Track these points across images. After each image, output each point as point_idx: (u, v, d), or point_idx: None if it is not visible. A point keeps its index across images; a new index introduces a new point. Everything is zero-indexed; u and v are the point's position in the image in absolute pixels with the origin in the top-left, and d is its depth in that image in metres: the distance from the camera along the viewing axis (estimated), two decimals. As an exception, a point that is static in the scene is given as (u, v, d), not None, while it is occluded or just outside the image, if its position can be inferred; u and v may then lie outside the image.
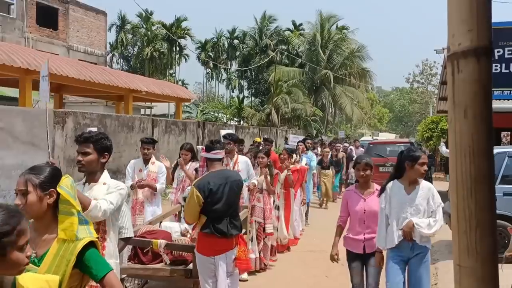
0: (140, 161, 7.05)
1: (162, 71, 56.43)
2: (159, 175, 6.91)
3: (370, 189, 4.78)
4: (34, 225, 2.27)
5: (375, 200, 4.63)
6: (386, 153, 15.85)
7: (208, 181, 4.55)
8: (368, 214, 4.66)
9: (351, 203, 4.74)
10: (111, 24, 54.45)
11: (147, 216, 6.66)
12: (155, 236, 5.26)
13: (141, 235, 5.30)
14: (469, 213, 0.96)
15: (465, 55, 0.96)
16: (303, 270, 7.38)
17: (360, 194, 4.75)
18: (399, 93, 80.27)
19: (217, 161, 4.77)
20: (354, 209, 4.70)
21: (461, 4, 0.95)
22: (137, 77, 21.30)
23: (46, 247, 2.21)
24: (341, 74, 41.70)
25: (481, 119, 0.95)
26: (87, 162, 3.46)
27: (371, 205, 4.67)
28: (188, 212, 4.64)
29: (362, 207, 4.67)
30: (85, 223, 2.26)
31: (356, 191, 4.80)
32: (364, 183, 4.77)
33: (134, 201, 6.83)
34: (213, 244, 4.55)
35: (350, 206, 4.75)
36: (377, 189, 4.70)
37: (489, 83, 0.96)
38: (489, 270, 0.98)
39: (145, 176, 6.83)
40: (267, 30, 52.98)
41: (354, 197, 4.76)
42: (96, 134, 3.51)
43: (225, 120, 37.62)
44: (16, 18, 26.97)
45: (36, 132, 11.02)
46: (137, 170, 6.94)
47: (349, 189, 5.09)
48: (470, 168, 0.96)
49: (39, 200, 2.24)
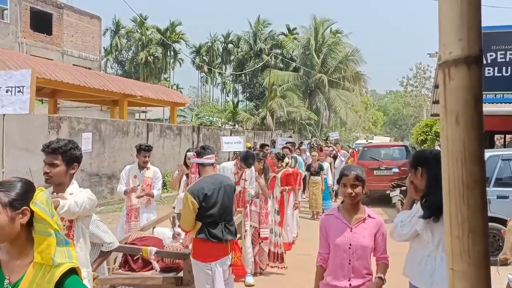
0: (135, 167, 7.02)
1: (156, 76, 56.46)
2: (155, 180, 6.88)
3: (359, 215, 3.37)
4: (7, 247, 2.01)
5: (366, 231, 3.31)
6: (380, 156, 15.89)
7: (203, 186, 4.51)
8: (355, 251, 3.27)
9: (332, 233, 3.34)
10: (106, 28, 54.54)
11: (143, 222, 6.60)
12: (145, 242, 5.16)
13: (131, 242, 5.21)
14: (461, 218, 0.98)
15: (456, 63, 0.98)
16: (298, 274, 7.38)
17: (345, 220, 3.33)
18: (393, 97, 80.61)
19: (210, 165, 4.73)
20: (336, 242, 3.30)
21: (451, 13, 0.98)
22: (131, 82, 21.30)
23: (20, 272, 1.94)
24: (335, 77, 41.89)
25: (472, 126, 0.98)
26: (55, 174, 3.29)
27: (359, 237, 3.28)
28: (184, 220, 4.57)
29: (347, 240, 3.27)
30: (64, 244, 1.98)
31: (339, 217, 3.36)
32: (352, 205, 3.35)
33: (129, 208, 6.78)
34: (209, 250, 4.50)
35: (330, 238, 3.34)
36: (369, 215, 3.37)
37: (480, 91, 0.98)
38: (482, 274, 1.00)
39: (141, 182, 6.78)
40: (262, 34, 53.21)
41: (336, 225, 3.35)
42: (65, 144, 3.30)
43: (220, 124, 37.63)
44: (10, 23, 26.91)
45: (31, 137, 11.00)
46: (132, 176, 6.89)
47: (329, 213, 3.57)
48: (462, 174, 0.98)
49: (11, 220, 1.94)
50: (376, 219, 3.39)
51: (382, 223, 3.39)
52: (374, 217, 3.39)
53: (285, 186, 8.49)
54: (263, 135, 25.98)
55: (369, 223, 3.35)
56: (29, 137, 10.99)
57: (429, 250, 3.19)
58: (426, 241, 3.18)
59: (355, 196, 3.29)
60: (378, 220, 3.39)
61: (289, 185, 8.57)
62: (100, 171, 13.01)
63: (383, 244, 3.35)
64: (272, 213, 7.46)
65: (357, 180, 3.27)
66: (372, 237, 3.31)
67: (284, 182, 8.50)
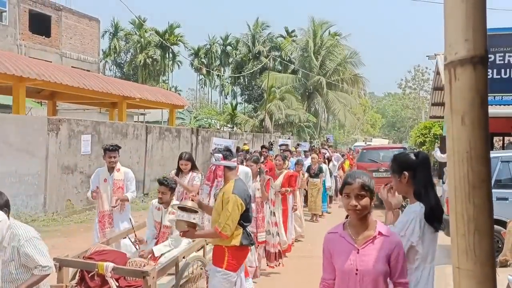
0: (105, 170, 6.57)
1: (155, 78, 56.44)
2: (127, 182, 6.52)
3: (368, 232, 2.69)
4: None
5: (377, 252, 2.63)
6: (379, 158, 15.91)
7: (244, 189, 4.48)
8: (362, 277, 2.63)
9: (336, 255, 2.73)
10: (104, 31, 54.60)
11: (116, 227, 6.32)
12: (104, 257, 4.63)
13: (89, 256, 4.71)
14: (467, 217, 0.99)
15: (462, 64, 0.99)
16: (298, 276, 7.38)
17: (350, 240, 2.70)
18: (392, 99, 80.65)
19: (235, 169, 4.62)
20: (340, 266, 2.70)
21: (457, 14, 0.99)
22: (130, 84, 21.29)
23: None
24: (333, 80, 41.91)
25: (478, 125, 0.99)
26: None
27: (367, 260, 2.62)
28: (230, 224, 4.22)
29: (353, 263, 2.64)
30: None
31: (344, 235, 2.73)
32: (359, 221, 2.69)
33: (101, 214, 6.44)
34: (243, 257, 4.40)
35: (335, 261, 2.74)
36: (380, 233, 2.66)
37: (485, 91, 0.99)
38: (487, 272, 1.01)
39: (111, 185, 6.44)
40: (260, 37, 53.26)
41: (341, 246, 2.72)
42: None
43: (218, 127, 37.62)
44: (8, 25, 26.91)
45: (30, 139, 10.99)
46: (102, 180, 6.50)
47: (333, 231, 2.83)
48: (468, 173, 0.99)
49: None
50: (390, 237, 2.66)
51: (398, 243, 2.68)
52: (388, 235, 2.66)
53: (287, 187, 8.48)
54: (261, 138, 25.97)
55: (380, 242, 2.64)
56: (28, 139, 10.97)
57: (417, 263, 2.98)
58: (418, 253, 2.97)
59: (361, 210, 2.61)
60: (392, 239, 2.66)
61: (291, 187, 8.56)
62: None
63: (400, 267, 2.65)
64: (268, 215, 7.30)
65: (363, 190, 2.63)
66: (385, 259, 2.62)
67: (287, 184, 8.50)
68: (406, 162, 3.12)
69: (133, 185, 6.59)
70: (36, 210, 10.88)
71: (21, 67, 13.21)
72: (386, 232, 2.68)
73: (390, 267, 2.64)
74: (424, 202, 2.98)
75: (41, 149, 11.13)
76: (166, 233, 5.42)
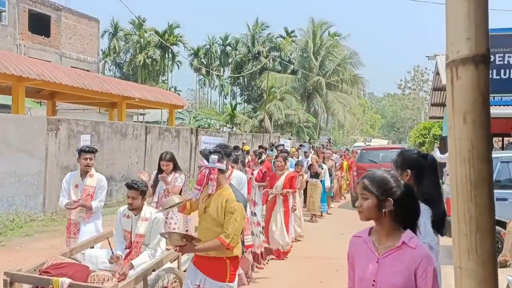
0: (77, 174, 5.97)
1: (154, 78, 56.45)
2: (98, 190, 5.91)
3: (392, 241, 2.35)
4: None
5: (400, 265, 2.28)
6: (379, 159, 15.92)
7: (243, 196, 4.20)
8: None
9: (357, 262, 2.47)
10: (104, 31, 54.60)
11: (82, 237, 5.66)
12: (62, 271, 4.21)
13: (45, 270, 4.26)
14: (469, 216, 0.99)
15: (463, 63, 0.99)
16: (297, 276, 7.37)
17: (372, 247, 2.40)
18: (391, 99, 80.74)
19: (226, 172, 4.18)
20: (358, 274, 2.44)
21: (459, 13, 0.98)
22: (130, 84, 21.28)
23: None
24: (333, 80, 41.93)
25: (480, 125, 0.98)
26: None
27: (386, 273, 2.31)
28: (237, 234, 3.88)
29: (371, 274, 2.36)
30: None
31: (368, 241, 2.43)
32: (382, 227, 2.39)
33: (68, 222, 5.88)
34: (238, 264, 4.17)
35: (355, 266, 2.48)
36: (405, 243, 2.29)
37: (487, 90, 0.99)
38: (489, 272, 1.01)
39: (81, 191, 5.81)
40: (260, 37, 53.29)
41: (363, 252, 2.44)
42: None
43: (217, 127, 37.63)
44: (8, 25, 26.90)
45: (29, 139, 10.97)
46: (73, 186, 5.88)
47: (358, 234, 2.53)
48: (470, 173, 0.99)
49: None
50: (416, 249, 2.26)
51: (426, 256, 2.26)
52: (414, 247, 2.27)
53: (289, 188, 8.42)
54: (261, 138, 25.98)
55: (403, 254, 2.29)
56: (28, 139, 10.96)
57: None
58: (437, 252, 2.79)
59: (363, 212, 2.37)
60: (419, 252, 2.26)
61: (292, 188, 8.53)
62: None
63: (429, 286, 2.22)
64: (250, 216, 6.70)
65: (365, 190, 2.37)
66: (409, 274, 2.25)
67: (288, 185, 8.43)
68: (413, 161, 3.02)
69: (103, 194, 5.95)
70: (35, 210, 10.87)
71: (21, 67, 13.20)
72: (412, 243, 2.29)
73: (417, 285, 2.25)
74: (434, 208, 2.87)
75: (41, 149, 11.12)
76: (140, 242, 4.85)
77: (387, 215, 2.32)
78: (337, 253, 4.61)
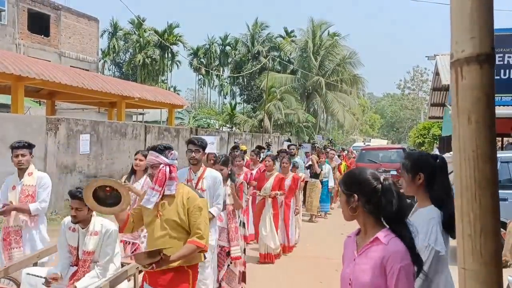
0: (15, 175, 5.28)
1: (154, 78, 56.42)
2: (39, 190, 5.10)
3: (367, 238, 2.25)
4: None
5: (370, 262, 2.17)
6: (378, 159, 15.95)
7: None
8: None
9: (345, 260, 2.41)
10: (103, 30, 54.53)
11: (27, 248, 4.96)
12: None
13: None
14: (473, 217, 0.98)
15: (468, 62, 0.98)
16: (297, 276, 7.37)
17: (354, 246, 2.34)
18: (391, 99, 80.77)
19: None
20: (341, 273, 2.36)
21: (464, 12, 0.98)
22: (129, 84, 21.27)
23: None
24: (333, 80, 41.92)
25: (484, 125, 0.97)
26: None
27: (359, 271, 2.21)
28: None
29: (350, 272, 2.28)
30: None
31: (354, 240, 2.37)
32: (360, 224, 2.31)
33: (5, 231, 4.99)
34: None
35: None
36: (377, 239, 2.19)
37: (492, 89, 0.98)
38: (493, 273, 1.00)
39: (19, 193, 5.06)
40: (259, 37, 53.29)
41: (348, 251, 2.39)
42: None
43: (217, 127, 37.62)
44: (7, 25, 26.87)
45: (29, 139, 10.94)
46: (11, 188, 5.15)
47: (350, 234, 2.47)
48: (474, 173, 0.98)
49: None
50: (388, 245, 2.13)
51: (396, 252, 2.12)
52: (386, 243, 2.15)
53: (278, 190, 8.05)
54: (260, 138, 25.98)
55: (376, 250, 2.17)
56: (27, 138, 10.90)
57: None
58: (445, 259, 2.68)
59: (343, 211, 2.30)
60: (390, 248, 2.13)
61: (281, 190, 8.39)
62: (98, 172, 12.96)
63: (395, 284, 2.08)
64: (239, 226, 6.07)
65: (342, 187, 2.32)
66: (378, 271, 2.13)
67: (277, 187, 8.05)
68: (424, 163, 2.89)
69: (46, 194, 5.11)
70: (34, 210, 10.85)
71: (20, 66, 13.18)
72: (384, 239, 2.16)
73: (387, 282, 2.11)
74: (445, 210, 2.77)
75: (40, 148, 11.10)
76: (88, 261, 4.10)
77: (359, 212, 2.23)
78: (336, 253, 4.58)
